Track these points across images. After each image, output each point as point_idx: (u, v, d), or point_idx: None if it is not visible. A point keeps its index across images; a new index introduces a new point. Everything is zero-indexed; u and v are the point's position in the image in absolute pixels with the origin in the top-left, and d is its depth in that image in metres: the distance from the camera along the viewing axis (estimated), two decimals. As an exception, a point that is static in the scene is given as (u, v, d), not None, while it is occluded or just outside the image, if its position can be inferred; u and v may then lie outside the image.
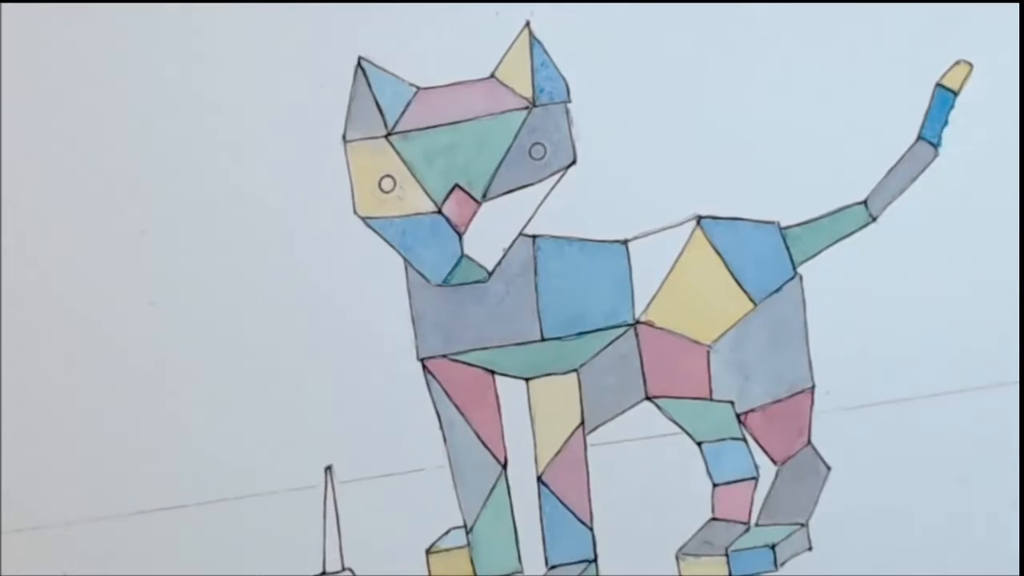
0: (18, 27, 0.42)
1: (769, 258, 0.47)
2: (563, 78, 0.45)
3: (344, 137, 0.45)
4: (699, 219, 0.47)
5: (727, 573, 0.48)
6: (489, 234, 0.46)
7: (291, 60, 0.44)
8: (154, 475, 0.45)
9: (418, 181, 0.45)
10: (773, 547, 0.48)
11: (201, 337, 0.45)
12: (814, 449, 0.48)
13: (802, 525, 0.48)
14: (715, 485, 0.48)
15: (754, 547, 0.48)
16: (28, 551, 0.45)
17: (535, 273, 0.46)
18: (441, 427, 0.46)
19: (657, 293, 0.47)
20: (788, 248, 0.47)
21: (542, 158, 0.45)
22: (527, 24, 0.45)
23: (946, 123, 0.47)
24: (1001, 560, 0.48)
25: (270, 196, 0.45)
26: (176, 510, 0.45)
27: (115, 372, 0.45)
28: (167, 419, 0.45)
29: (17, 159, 0.43)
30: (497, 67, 0.45)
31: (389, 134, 0.45)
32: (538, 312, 0.46)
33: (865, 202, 0.47)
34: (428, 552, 0.47)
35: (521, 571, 0.48)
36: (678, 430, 0.48)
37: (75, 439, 0.45)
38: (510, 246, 0.46)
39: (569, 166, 0.46)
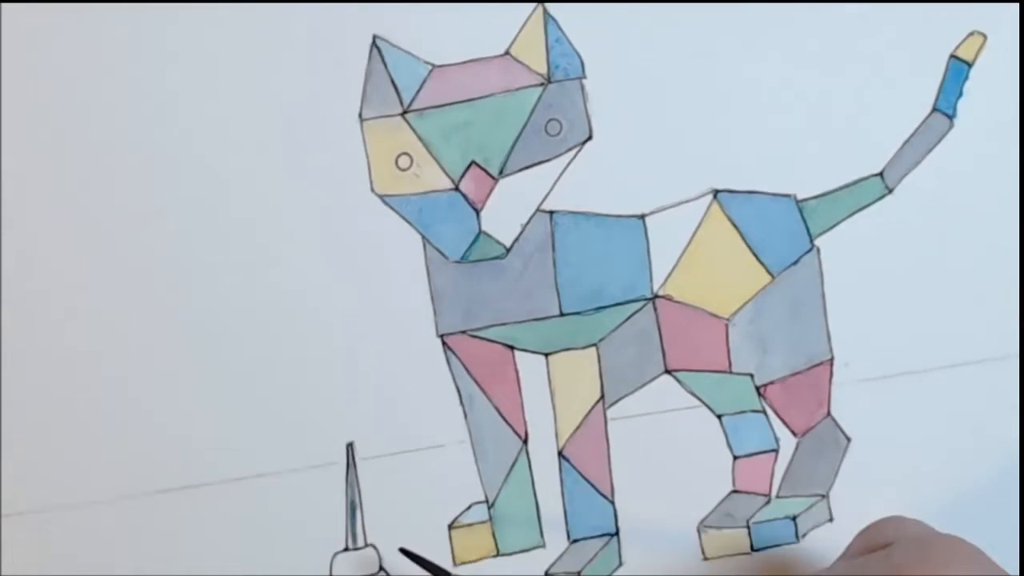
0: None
1: (786, 231, 0.47)
2: (578, 54, 0.45)
3: (360, 115, 0.45)
4: (716, 192, 0.47)
5: (749, 545, 0.48)
6: (506, 211, 0.46)
7: (306, 40, 0.44)
8: (176, 455, 0.45)
9: (435, 158, 0.45)
10: (794, 518, 0.48)
11: (220, 317, 0.45)
12: (834, 421, 0.48)
13: (823, 496, 0.48)
14: (735, 458, 0.48)
15: (775, 519, 0.48)
16: (35, 533, 0.45)
17: (553, 249, 0.46)
18: (461, 403, 0.47)
19: (675, 267, 0.47)
20: (805, 221, 0.47)
21: (558, 134, 0.46)
22: (541, 1, 0.45)
23: (960, 94, 0.47)
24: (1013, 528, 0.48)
25: (286, 176, 0.45)
26: (199, 488, 0.46)
27: (131, 350, 0.45)
28: (188, 398, 0.45)
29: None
30: (512, 44, 0.45)
31: (405, 112, 0.45)
32: (556, 287, 0.46)
33: (881, 174, 0.47)
34: (450, 527, 0.47)
35: (543, 545, 0.48)
36: (698, 403, 0.48)
37: (91, 418, 0.45)
38: (527, 222, 0.46)
39: (585, 142, 0.46)
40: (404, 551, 0.45)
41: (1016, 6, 0.46)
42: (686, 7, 0.45)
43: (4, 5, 0.42)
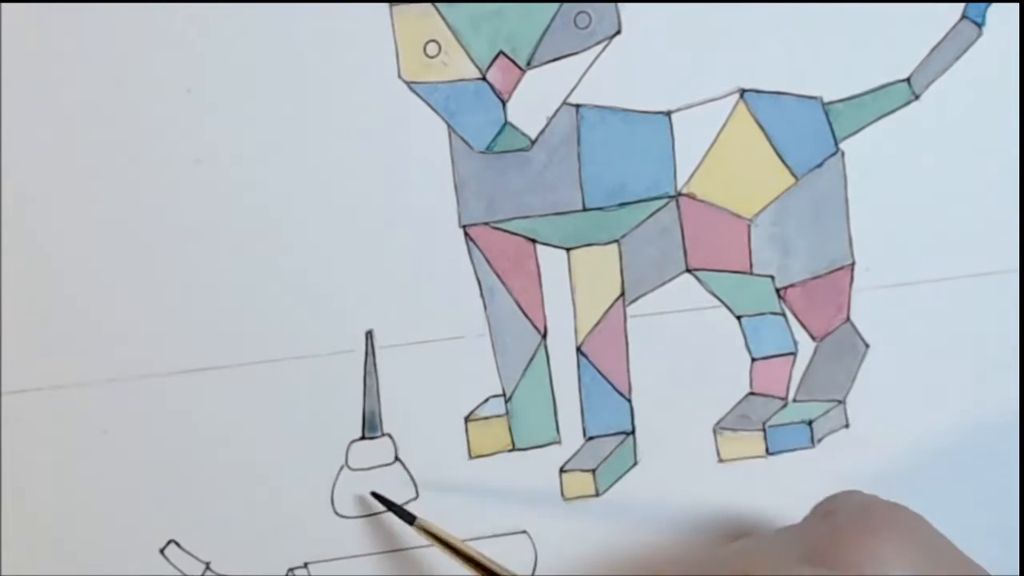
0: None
1: (811, 133, 0.47)
2: (608, -53, 0.45)
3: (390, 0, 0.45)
4: (742, 92, 0.47)
5: (764, 448, 0.48)
6: (533, 102, 0.46)
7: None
8: (200, 335, 0.45)
9: (463, 47, 0.45)
10: (810, 423, 0.48)
11: (243, 200, 0.45)
12: (853, 326, 0.48)
13: (839, 402, 0.48)
14: (753, 359, 0.48)
15: (791, 423, 0.48)
16: (70, 407, 0.45)
17: (578, 143, 0.46)
18: (482, 295, 0.47)
19: (699, 165, 0.47)
20: (831, 123, 0.47)
21: (587, 27, 0.45)
22: None
23: (990, 1, 0.47)
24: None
25: (313, 59, 0.45)
26: (220, 370, 0.45)
27: (154, 229, 0.45)
28: (212, 281, 0.45)
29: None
30: (543, -65, 0.45)
31: (435, -1, 0.45)
32: (580, 182, 0.46)
33: (908, 80, 0.47)
34: (467, 420, 0.47)
35: (559, 441, 0.48)
36: (718, 303, 0.48)
37: (110, 297, 0.45)
38: (553, 115, 0.46)
39: (613, 36, 0.46)
40: (375, 495, 0.45)
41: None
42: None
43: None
